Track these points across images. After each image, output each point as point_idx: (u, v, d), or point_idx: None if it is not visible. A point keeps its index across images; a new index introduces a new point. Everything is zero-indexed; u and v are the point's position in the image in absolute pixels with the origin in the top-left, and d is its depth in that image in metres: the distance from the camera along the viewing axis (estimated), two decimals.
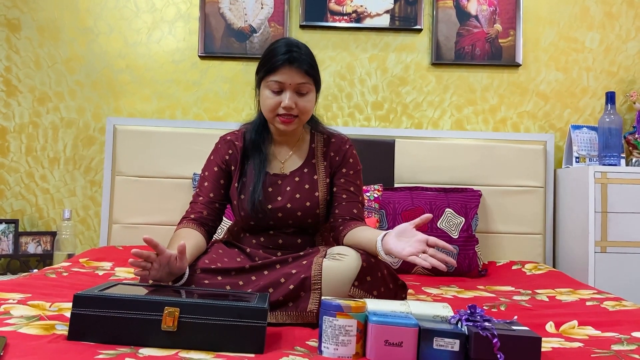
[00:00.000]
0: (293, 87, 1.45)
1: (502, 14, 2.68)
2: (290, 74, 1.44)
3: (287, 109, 1.45)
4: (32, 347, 1.01)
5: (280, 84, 1.45)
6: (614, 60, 2.72)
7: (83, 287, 1.54)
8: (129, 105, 2.68)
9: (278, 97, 1.46)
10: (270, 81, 1.46)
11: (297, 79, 1.45)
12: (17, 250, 2.49)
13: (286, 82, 1.44)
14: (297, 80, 1.45)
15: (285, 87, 1.45)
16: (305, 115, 1.50)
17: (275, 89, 1.46)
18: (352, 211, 1.53)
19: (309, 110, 1.49)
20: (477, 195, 2.41)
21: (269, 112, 1.49)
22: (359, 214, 1.53)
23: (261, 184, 1.50)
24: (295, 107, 1.46)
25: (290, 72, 1.44)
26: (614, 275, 2.25)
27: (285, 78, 1.44)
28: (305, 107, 1.48)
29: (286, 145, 1.60)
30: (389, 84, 2.71)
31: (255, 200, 1.48)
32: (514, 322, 1.10)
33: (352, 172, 1.58)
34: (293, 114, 1.47)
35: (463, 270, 2.24)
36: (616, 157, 2.42)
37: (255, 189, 1.49)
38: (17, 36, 2.67)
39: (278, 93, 1.46)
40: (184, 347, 1.06)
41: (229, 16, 2.67)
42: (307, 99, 1.48)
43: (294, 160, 1.58)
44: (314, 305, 1.29)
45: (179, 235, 1.45)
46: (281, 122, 1.48)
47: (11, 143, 2.66)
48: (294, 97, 1.45)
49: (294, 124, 1.49)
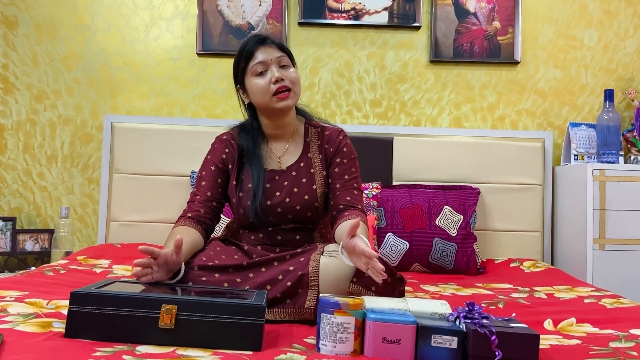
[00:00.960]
0: (275, 61, 1.50)
1: (501, 12, 2.68)
2: (267, 51, 1.51)
3: (279, 79, 1.48)
4: (28, 345, 1.00)
5: (263, 63, 1.50)
6: (613, 58, 2.72)
7: (80, 284, 1.54)
8: (126, 103, 2.67)
9: (266, 77, 1.50)
10: (252, 66, 1.51)
11: (276, 53, 1.51)
12: (14, 248, 2.48)
13: (267, 58, 1.50)
14: (275, 54, 1.51)
15: (268, 64, 1.50)
16: (296, 86, 1.52)
17: (259, 70, 1.50)
18: (345, 199, 1.52)
19: (297, 80, 1.53)
20: (476, 192, 2.41)
21: (264, 96, 1.50)
22: (352, 200, 1.51)
23: (262, 189, 1.51)
24: (285, 78, 1.49)
25: (267, 50, 1.51)
26: (612, 272, 2.25)
27: (265, 55, 1.50)
28: (293, 77, 1.52)
29: (281, 140, 1.60)
30: (387, 82, 2.71)
31: (257, 206, 1.49)
32: (512, 320, 1.10)
33: (345, 160, 1.57)
34: (286, 86, 1.49)
35: (461, 268, 2.24)
36: (614, 154, 2.42)
37: (256, 194, 1.50)
38: (15, 33, 2.66)
39: (264, 74, 1.50)
40: (181, 345, 1.05)
41: (227, 13, 2.67)
42: (291, 70, 1.53)
43: (290, 155, 1.59)
44: (312, 301, 1.29)
45: (175, 232, 1.45)
46: (279, 99, 1.50)
47: (8, 140, 2.65)
48: (280, 70, 1.50)
49: (291, 97, 1.51)
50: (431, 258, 2.24)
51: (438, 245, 2.23)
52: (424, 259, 2.24)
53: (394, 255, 2.24)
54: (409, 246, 2.24)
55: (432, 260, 2.24)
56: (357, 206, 1.51)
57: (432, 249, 2.23)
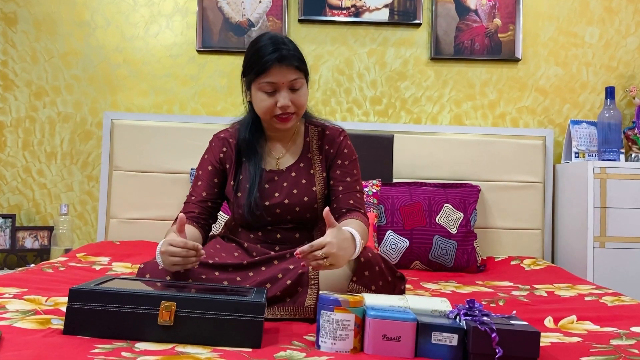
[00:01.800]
0: (287, 84, 1.42)
1: (502, 9, 2.67)
2: (282, 72, 1.40)
3: (284, 108, 1.42)
4: (27, 341, 1.00)
5: (273, 84, 1.41)
6: (614, 55, 2.71)
7: (80, 281, 1.53)
8: (126, 100, 2.67)
9: (272, 98, 1.43)
10: (262, 83, 1.42)
11: (290, 76, 1.41)
12: (14, 245, 2.48)
13: (279, 81, 1.41)
14: (289, 77, 1.41)
15: (279, 87, 1.42)
16: (301, 109, 1.48)
17: (268, 90, 1.42)
18: (348, 202, 1.51)
19: (304, 104, 1.48)
20: (476, 190, 2.41)
21: (265, 114, 1.46)
22: (355, 204, 1.51)
23: (257, 185, 1.49)
24: (291, 104, 1.43)
25: (281, 71, 1.40)
26: (613, 270, 2.25)
27: (278, 78, 1.40)
28: (301, 102, 1.45)
29: (281, 141, 1.57)
30: (388, 79, 2.70)
31: (251, 202, 1.47)
32: (512, 317, 1.10)
33: (347, 162, 1.55)
34: (290, 112, 1.44)
35: (462, 266, 2.24)
36: (615, 152, 2.41)
37: (252, 191, 1.48)
38: (14, 30, 2.66)
39: (272, 94, 1.43)
40: (180, 342, 1.05)
41: (227, 10, 2.66)
42: (300, 94, 1.45)
43: (290, 155, 1.57)
44: (312, 300, 1.28)
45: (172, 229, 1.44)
46: (279, 121, 1.46)
47: (8, 137, 2.65)
48: (288, 95, 1.42)
49: (292, 120, 1.47)
50: (431, 256, 2.23)
51: (438, 243, 2.23)
52: (424, 257, 2.24)
53: (394, 253, 2.24)
54: (409, 244, 2.24)
55: (432, 258, 2.24)
56: (360, 210, 1.50)
57: (432, 247, 2.23)
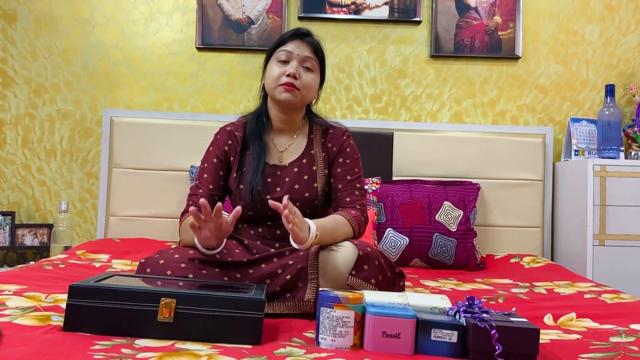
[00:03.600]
0: (300, 58, 1.49)
1: (502, 6, 2.67)
2: (299, 45, 1.50)
3: (291, 75, 1.47)
4: (27, 338, 1.00)
5: (288, 53, 1.49)
6: (614, 53, 2.71)
7: (79, 278, 1.53)
8: (126, 97, 2.66)
9: (284, 67, 1.49)
10: (279, 52, 1.50)
11: (305, 51, 1.50)
12: (13, 243, 2.48)
13: (294, 51, 1.49)
14: (304, 52, 1.50)
15: (292, 57, 1.49)
16: (306, 90, 1.51)
17: (282, 58, 1.49)
18: (345, 200, 1.51)
19: (311, 86, 1.52)
20: (476, 188, 2.41)
21: (273, 82, 1.50)
22: (351, 201, 1.51)
23: (260, 173, 1.50)
24: (298, 78, 1.48)
25: (299, 44, 1.50)
26: (613, 268, 2.25)
27: (294, 48, 1.49)
28: (308, 83, 1.50)
29: (286, 135, 1.59)
30: (388, 77, 2.70)
31: (253, 188, 1.48)
32: (512, 314, 1.10)
33: (348, 160, 1.57)
34: (295, 85, 1.48)
35: (461, 263, 2.24)
36: (615, 150, 2.41)
37: (254, 177, 1.49)
38: (13, 27, 2.65)
39: (285, 63, 1.50)
40: (180, 338, 1.05)
41: (226, 7, 2.65)
42: (311, 76, 1.51)
43: (293, 151, 1.58)
44: (311, 294, 1.28)
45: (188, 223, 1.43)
46: (283, 89, 1.49)
47: (7, 135, 2.65)
48: (299, 68, 1.49)
49: (295, 95, 1.49)
50: (431, 253, 2.24)
51: (438, 241, 2.23)
52: (423, 255, 2.24)
53: (394, 251, 2.24)
54: (408, 241, 2.24)
55: (432, 255, 2.24)
56: (355, 206, 1.50)
57: (432, 245, 2.23)
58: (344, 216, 1.44)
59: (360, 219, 1.48)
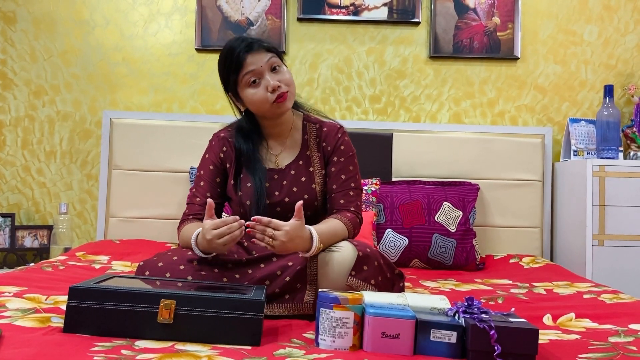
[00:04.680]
0: (266, 66, 1.45)
1: (501, 7, 2.67)
2: (256, 58, 1.45)
3: (275, 88, 1.44)
4: (27, 340, 1.00)
5: (254, 72, 1.44)
6: (613, 54, 2.72)
7: (79, 280, 1.53)
8: (125, 99, 2.67)
9: (261, 87, 1.45)
10: (244, 76, 1.45)
11: (264, 57, 1.45)
12: (13, 244, 2.48)
13: (257, 65, 1.44)
14: (264, 58, 1.45)
15: (260, 72, 1.45)
16: (291, 86, 1.49)
17: (252, 79, 1.45)
18: (339, 202, 1.50)
19: (291, 80, 1.49)
20: (475, 188, 2.41)
21: (264, 104, 1.47)
22: (346, 202, 1.50)
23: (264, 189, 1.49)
24: (280, 83, 1.46)
25: (255, 57, 1.45)
26: (612, 268, 2.25)
27: (255, 63, 1.44)
28: (287, 79, 1.48)
29: (279, 138, 1.57)
30: (387, 77, 2.70)
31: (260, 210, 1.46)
32: (511, 314, 1.10)
33: (343, 159, 1.55)
34: (282, 91, 1.46)
35: (461, 264, 2.24)
36: (614, 150, 2.42)
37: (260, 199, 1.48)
38: (13, 29, 2.66)
39: (258, 84, 1.45)
40: (180, 340, 1.05)
41: (226, 9, 2.66)
42: (283, 71, 1.48)
43: (288, 153, 1.57)
44: (311, 296, 1.29)
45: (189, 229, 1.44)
46: (278, 104, 1.47)
47: (7, 136, 2.65)
48: (273, 76, 1.46)
49: (289, 99, 1.48)
50: (430, 254, 2.24)
51: (437, 241, 2.23)
52: (423, 255, 2.24)
53: (394, 251, 2.24)
54: (408, 242, 2.24)
55: (431, 256, 2.24)
56: (350, 208, 1.49)
57: (431, 245, 2.23)
58: (340, 219, 1.44)
59: (355, 221, 1.47)
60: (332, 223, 1.42)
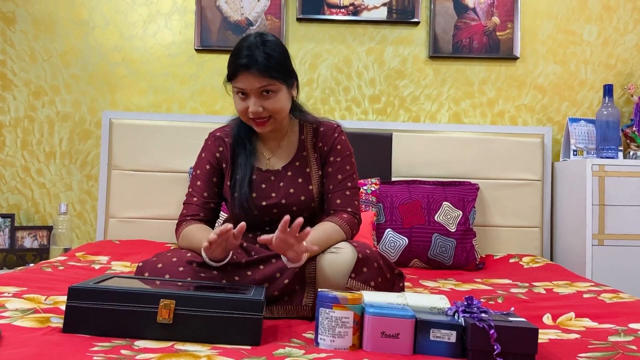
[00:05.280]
0: (255, 92, 1.40)
1: (500, 7, 2.67)
2: (249, 79, 1.39)
3: (254, 113, 1.41)
4: (26, 340, 1.00)
5: (243, 89, 1.41)
6: (612, 53, 2.72)
7: (79, 280, 1.53)
8: (125, 99, 2.67)
9: (245, 103, 1.42)
10: (235, 87, 1.43)
11: (256, 84, 1.39)
12: (13, 245, 2.48)
13: (246, 88, 1.40)
14: (256, 85, 1.39)
15: (248, 93, 1.41)
16: (278, 114, 1.45)
17: (240, 94, 1.43)
18: (336, 202, 1.49)
19: (279, 109, 1.44)
20: (475, 188, 2.41)
21: (242, 116, 1.46)
22: (342, 203, 1.49)
23: (247, 183, 1.48)
24: (263, 110, 1.42)
25: (248, 78, 1.39)
26: (612, 267, 2.25)
27: (245, 84, 1.40)
28: (275, 108, 1.42)
29: (274, 140, 1.56)
30: (387, 77, 2.70)
31: (242, 200, 1.46)
32: (510, 314, 1.10)
33: (339, 158, 1.53)
34: (264, 116, 1.43)
35: (461, 264, 2.24)
36: (614, 150, 2.42)
37: (242, 188, 1.47)
38: (12, 29, 2.66)
39: (244, 98, 1.43)
40: (179, 340, 1.05)
41: (225, 9, 2.66)
42: (274, 100, 1.42)
43: (285, 154, 1.55)
44: (309, 299, 1.28)
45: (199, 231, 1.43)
46: (256, 125, 1.46)
47: (7, 137, 2.65)
48: (258, 101, 1.41)
49: (269, 125, 1.45)
50: (430, 254, 2.24)
51: (437, 241, 2.23)
52: (423, 255, 2.24)
53: (393, 251, 2.24)
54: (408, 242, 2.24)
55: (431, 256, 2.24)
56: (347, 208, 1.48)
57: (431, 245, 2.23)
58: (334, 222, 1.42)
59: (352, 222, 1.46)
60: (325, 227, 1.40)
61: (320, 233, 1.37)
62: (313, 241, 1.31)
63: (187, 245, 1.44)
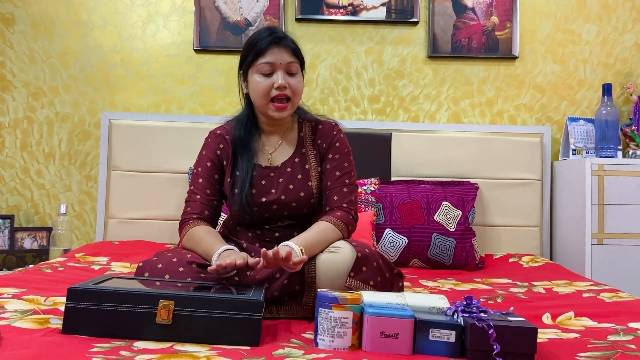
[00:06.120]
0: (284, 66, 1.45)
1: (499, 6, 2.67)
2: (280, 53, 1.45)
3: (281, 88, 1.44)
4: (25, 341, 1.00)
5: (271, 64, 1.45)
6: (611, 52, 2.72)
7: (78, 281, 1.53)
8: (124, 100, 2.67)
9: (270, 80, 1.45)
10: (260, 64, 1.45)
11: (287, 57, 1.46)
12: (12, 246, 2.48)
13: (276, 61, 1.45)
14: (286, 59, 1.46)
15: (276, 68, 1.45)
16: (297, 97, 1.49)
17: (266, 71, 1.45)
18: (333, 199, 1.50)
19: (300, 91, 1.50)
20: (474, 188, 2.41)
21: (262, 98, 1.47)
22: (339, 200, 1.49)
23: (249, 181, 1.48)
24: (288, 87, 1.45)
25: (279, 52, 1.45)
26: (611, 267, 2.25)
27: (275, 58, 1.44)
28: (297, 88, 1.48)
29: (275, 135, 1.57)
30: (386, 77, 2.70)
31: (242, 198, 1.46)
32: (510, 313, 1.10)
33: (338, 155, 1.54)
34: (286, 95, 1.46)
35: (460, 263, 2.24)
36: (613, 149, 2.42)
37: (243, 187, 1.47)
38: (11, 30, 2.66)
39: (269, 75, 1.46)
40: (179, 340, 1.05)
41: (224, 9, 2.66)
42: (297, 79, 1.48)
43: (284, 151, 1.56)
44: (309, 298, 1.28)
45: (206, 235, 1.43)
46: (275, 109, 1.47)
47: (6, 138, 2.65)
48: (285, 77, 1.45)
49: (288, 109, 1.48)
50: (430, 253, 2.24)
51: (437, 241, 2.23)
52: (422, 255, 2.24)
53: (393, 251, 2.24)
54: (407, 242, 2.24)
55: (430, 255, 2.24)
56: (342, 205, 1.48)
57: (430, 245, 2.23)
58: (328, 221, 1.42)
59: (347, 219, 1.45)
60: (320, 227, 1.41)
61: (314, 233, 1.37)
62: (307, 242, 1.31)
63: (192, 247, 1.44)
